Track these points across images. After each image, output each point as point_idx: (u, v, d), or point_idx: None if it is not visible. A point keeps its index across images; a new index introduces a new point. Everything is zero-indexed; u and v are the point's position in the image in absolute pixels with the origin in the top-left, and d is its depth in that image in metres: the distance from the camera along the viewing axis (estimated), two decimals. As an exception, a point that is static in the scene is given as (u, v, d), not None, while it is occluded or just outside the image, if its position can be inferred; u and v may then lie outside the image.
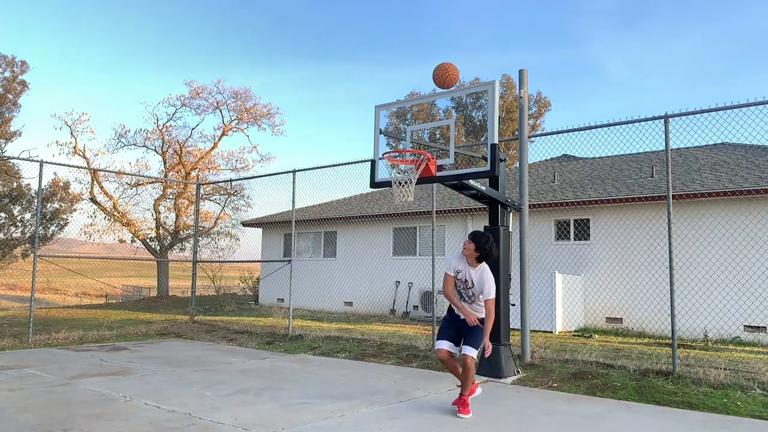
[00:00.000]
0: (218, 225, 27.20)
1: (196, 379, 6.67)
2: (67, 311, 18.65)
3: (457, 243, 16.32)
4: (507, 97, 33.64)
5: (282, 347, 9.52)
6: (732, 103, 6.61)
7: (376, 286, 17.15)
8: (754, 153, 15.11)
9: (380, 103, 7.46)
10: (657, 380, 6.39)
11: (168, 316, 14.82)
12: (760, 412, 5.29)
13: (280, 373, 7.17)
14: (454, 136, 6.83)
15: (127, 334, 11.07)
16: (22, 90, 26.35)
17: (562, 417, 5.11)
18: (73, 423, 4.64)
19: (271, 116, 28.83)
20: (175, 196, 27.15)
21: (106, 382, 6.33)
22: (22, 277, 23.90)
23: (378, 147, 7.34)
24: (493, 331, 7.01)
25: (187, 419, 4.82)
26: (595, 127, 7.70)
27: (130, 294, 36.62)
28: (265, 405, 5.38)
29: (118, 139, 27.07)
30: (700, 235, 12.30)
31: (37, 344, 9.57)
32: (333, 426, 4.69)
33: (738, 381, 6.17)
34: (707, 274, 12.09)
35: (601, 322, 13.55)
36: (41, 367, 7.30)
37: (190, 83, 27.96)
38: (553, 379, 6.68)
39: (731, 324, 11.71)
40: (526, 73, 7.88)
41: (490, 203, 7.33)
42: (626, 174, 15.80)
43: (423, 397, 5.82)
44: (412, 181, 6.36)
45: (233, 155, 28.66)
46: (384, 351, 8.62)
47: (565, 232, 14.67)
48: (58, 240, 25.08)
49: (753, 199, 11.93)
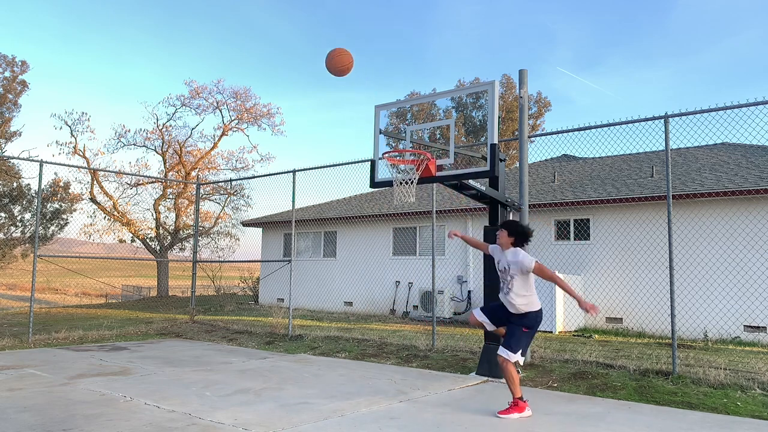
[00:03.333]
0: (218, 225, 27.22)
1: (196, 379, 6.67)
2: (67, 311, 18.66)
3: (457, 243, 16.32)
4: (507, 97, 33.65)
5: (282, 347, 9.52)
6: (732, 103, 6.61)
7: (376, 286, 17.15)
8: (753, 153, 15.11)
9: (380, 103, 7.46)
10: (657, 380, 6.39)
11: (168, 316, 14.82)
12: (760, 411, 5.29)
13: (280, 373, 7.17)
14: (453, 135, 6.83)
15: (127, 334, 11.07)
16: (22, 90, 26.35)
17: (562, 417, 5.11)
18: (73, 423, 4.64)
19: (271, 116, 28.85)
20: (175, 196, 27.16)
21: (106, 382, 6.33)
22: (22, 276, 23.91)
23: (378, 147, 7.34)
24: (491, 332, 7.03)
25: (187, 419, 4.81)
26: (595, 127, 7.70)
27: (130, 294, 36.64)
28: (265, 405, 5.38)
29: (118, 139, 27.08)
30: (700, 235, 12.30)
31: (37, 344, 9.57)
32: (333, 426, 4.69)
33: (738, 381, 6.17)
34: (707, 274, 12.09)
35: (601, 322, 13.55)
36: (41, 367, 7.30)
37: (190, 83, 28.00)
38: (553, 378, 6.68)
39: (731, 324, 11.71)
40: (526, 73, 7.87)
41: (490, 203, 7.33)
42: (626, 174, 15.80)
43: (423, 397, 5.82)
44: (413, 181, 6.37)
45: (233, 155, 28.69)
46: (384, 351, 8.62)
47: (565, 232, 14.67)
48: (58, 240, 25.08)
49: (753, 199, 11.93)
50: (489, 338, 7.04)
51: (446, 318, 15.08)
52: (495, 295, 7.06)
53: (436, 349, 8.51)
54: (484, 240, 7.29)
